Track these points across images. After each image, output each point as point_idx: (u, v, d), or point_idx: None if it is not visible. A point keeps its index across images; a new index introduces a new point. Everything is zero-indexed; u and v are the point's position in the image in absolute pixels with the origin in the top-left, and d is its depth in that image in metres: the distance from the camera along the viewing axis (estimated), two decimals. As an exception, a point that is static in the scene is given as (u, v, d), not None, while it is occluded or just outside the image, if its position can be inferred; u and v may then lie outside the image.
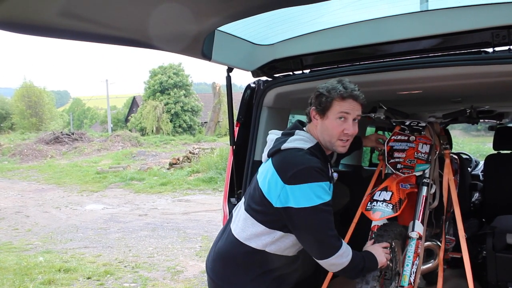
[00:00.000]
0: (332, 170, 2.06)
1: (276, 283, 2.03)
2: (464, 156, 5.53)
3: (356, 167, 4.69)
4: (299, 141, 1.96)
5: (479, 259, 3.61)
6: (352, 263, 1.94)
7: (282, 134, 2.06)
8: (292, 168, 1.87)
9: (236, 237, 2.02)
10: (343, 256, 1.91)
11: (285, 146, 1.96)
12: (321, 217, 1.85)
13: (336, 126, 1.94)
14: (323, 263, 1.93)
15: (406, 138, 2.83)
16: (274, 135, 2.09)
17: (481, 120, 2.99)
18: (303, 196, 1.83)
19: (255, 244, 1.97)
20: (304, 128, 2.07)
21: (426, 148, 2.76)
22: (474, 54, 2.37)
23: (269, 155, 2.03)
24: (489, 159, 4.42)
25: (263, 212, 1.95)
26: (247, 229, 1.99)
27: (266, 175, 1.97)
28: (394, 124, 3.00)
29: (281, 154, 1.96)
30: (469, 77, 2.46)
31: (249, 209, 2.02)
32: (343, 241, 1.95)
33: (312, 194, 1.83)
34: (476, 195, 4.83)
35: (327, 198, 1.87)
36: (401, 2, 2.57)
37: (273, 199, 1.90)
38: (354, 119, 1.99)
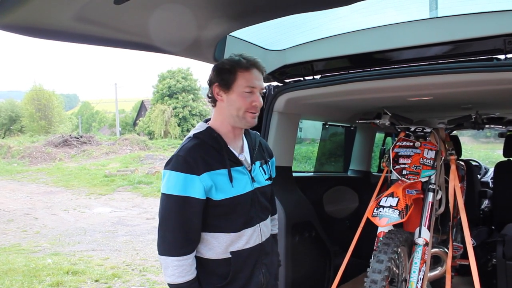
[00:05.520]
0: (237, 154, 1.89)
1: None
2: (474, 163, 5.49)
3: (365, 172, 4.68)
4: (192, 131, 1.92)
5: (489, 267, 3.58)
6: None
7: None
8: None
9: None
10: (177, 269, 1.72)
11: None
12: (165, 207, 1.75)
13: (243, 99, 1.82)
14: (159, 259, 1.78)
15: (411, 144, 2.82)
16: None
17: (487, 126, 2.98)
18: (163, 182, 1.77)
19: None
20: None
21: (431, 154, 2.75)
22: (485, 61, 2.37)
23: None
24: (499, 166, 4.39)
25: None
26: None
27: None
28: (399, 130, 3.00)
29: None
30: (480, 84, 2.45)
31: None
32: (193, 261, 1.76)
33: (166, 181, 1.75)
34: (486, 202, 4.80)
35: (176, 192, 1.71)
36: (410, 9, 2.58)
37: None
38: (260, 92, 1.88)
